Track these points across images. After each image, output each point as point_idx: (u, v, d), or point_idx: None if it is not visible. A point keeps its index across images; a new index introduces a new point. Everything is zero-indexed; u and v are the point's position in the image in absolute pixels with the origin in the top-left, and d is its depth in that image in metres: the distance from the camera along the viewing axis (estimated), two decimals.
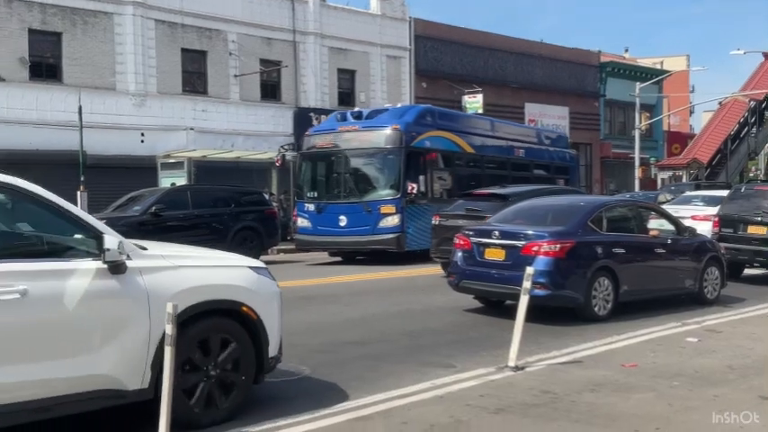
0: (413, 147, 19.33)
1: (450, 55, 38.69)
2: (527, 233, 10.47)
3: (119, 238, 5.32)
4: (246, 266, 6.34)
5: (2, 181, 5.18)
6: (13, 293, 4.83)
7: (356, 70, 35.16)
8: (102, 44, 27.05)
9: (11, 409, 4.79)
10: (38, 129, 24.81)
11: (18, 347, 4.75)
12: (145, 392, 5.42)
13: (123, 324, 5.33)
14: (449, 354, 8.40)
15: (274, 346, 6.28)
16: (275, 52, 32.20)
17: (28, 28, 25.50)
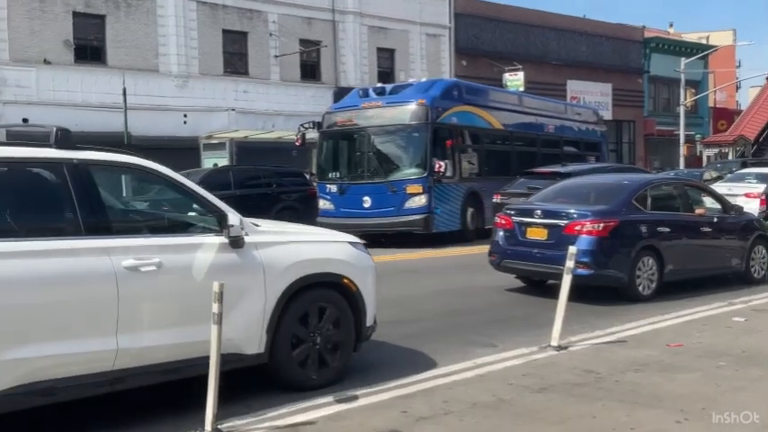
0: (440, 122, 18.24)
1: (490, 32, 38.38)
2: (570, 212, 10.36)
3: (239, 216, 5.81)
4: (346, 242, 6.79)
5: (135, 162, 5.65)
6: (150, 266, 5.28)
7: (395, 49, 35.07)
8: (144, 26, 27.34)
9: (148, 369, 5.22)
10: (83, 111, 25.20)
11: (155, 315, 5.09)
12: (262, 356, 5.94)
13: (242, 294, 5.77)
14: (490, 333, 8.38)
15: (370, 316, 6.70)
16: (315, 32, 32.23)
17: (72, 11, 25.90)
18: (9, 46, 24.86)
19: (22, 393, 4.75)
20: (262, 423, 5.38)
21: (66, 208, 5.17)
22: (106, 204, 5.49)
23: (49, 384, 4.86)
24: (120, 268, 5.15)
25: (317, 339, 6.25)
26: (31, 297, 4.80)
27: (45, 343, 4.84)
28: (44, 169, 5.28)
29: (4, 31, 24.75)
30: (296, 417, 5.49)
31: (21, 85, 24.90)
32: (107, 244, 5.18)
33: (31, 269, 4.81)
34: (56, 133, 5.25)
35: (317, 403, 5.80)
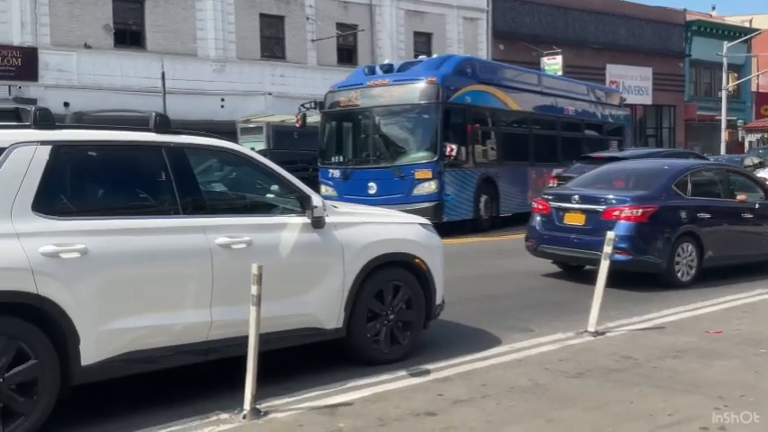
0: (452, 102, 16.84)
1: (528, 16, 38.04)
2: (608, 197, 10.28)
3: (321, 198, 6.14)
4: (417, 223, 7.07)
5: (225, 146, 5.97)
6: (241, 243, 5.58)
7: (432, 33, 34.92)
8: (183, 11, 27.54)
9: (238, 341, 5.37)
10: (122, 94, 25.50)
11: (244, 290, 5.13)
12: (340, 331, 6.25)
13: (323, 271, 6.11)
14: (526, 318, 8.38)
15: (439, 294, 6.95)
16: (351, 16, 32.20)
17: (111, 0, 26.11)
18: (50, 31, 25.20)
19: (126, 361, 5.11)
20: (300, 404, 5.44)
21: (165, 188, 5.51)
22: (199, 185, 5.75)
23: (149, 353, 5.22)
24: (215, 245, 5.48)
25: (390, 317, 6.53)
26: (134, 271, 5.14)
27: (146, 314, 5.18)
28: (145, 152, 5.56)
29: (45, 15, 25.09)
30: (333, 398, 5.56)
31: (62, 69, 25.26)
32: (202, 222, 5.50)
33: (135, 245, 5.15)
34: (155, 118, 5.55)
35: (355, 385, 5.86)
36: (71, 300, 4.80)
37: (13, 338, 4.62)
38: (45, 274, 4.70)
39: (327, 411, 5.29)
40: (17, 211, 4.75)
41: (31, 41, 24.83)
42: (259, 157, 6.17)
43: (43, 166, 4.91)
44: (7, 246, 4.63)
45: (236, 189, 6.53)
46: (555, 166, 20.22)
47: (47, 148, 4.97)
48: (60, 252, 4.80)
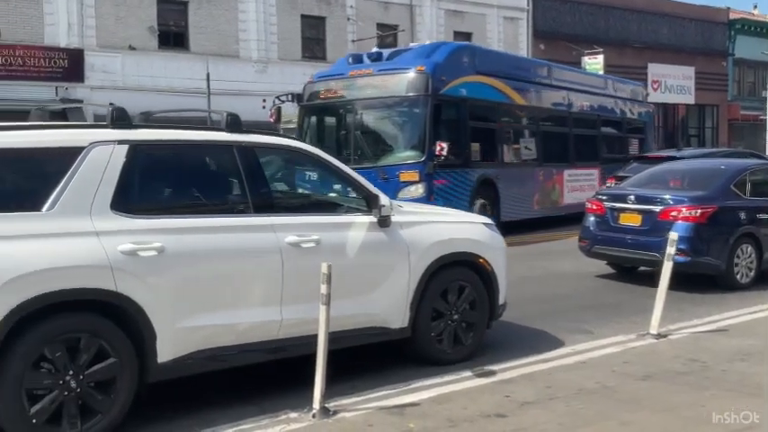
0: (443, 95, 14.84)
1: (569, 15, 37.75)
2: (665, 198, 10.15)
3: (388, 197, 6.12)
4: (481, 223, 7.07)
5: (294, 145, 6.06)
6: (310, 242, 5.62)
7: (472, 33, 34.79)
8: (226, 12, 27.76)
9: (307, 340, 5.39)
10: (166, 95, 25.76)
11: (313, 288, 5.14)
12: (405, 331, 6.25)
13: (389, 270, 6.11)
14: (585, 319, 8.31)
15: (502, 294, 6.94)
16: (392, 16, 32.23)
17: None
18: (96, 33, 25.54)
19: (199, 359, 5.16)
20: (367, 403, 5.46)
21: (237, 187, 5.57)
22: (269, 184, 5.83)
23: (221, 351, 5.26)
24: (284, 244, 5.51)
25: (454, 316, 6.51)
26: (207, 269, 5.20)
27: (219, 312, 5.21)
28: (218, 151, 5.65)
29: (91, 18, 25.44)
30: (401, 398, 5.56)
31: (107, 70, 25.59)
32: (273, 221, 5.55)
33: (209, 244, 5.20)
34: (226, 118, 5.58)
35: (420, 385, 5.87)
36: (148, 297, 4.86)
37: (94, 336, 4.70)
38: (124, 271, 4.77)
39: (396, 411, 5.30)
40: (96, 210, 4.82)
41: (77, 43, 25.19)
42: (327, 156, 6.18)
43: (120, 165, 4.98)
44: (88, 244, 4.71)
45: (304, 188, 6.56)
46: (567, 166, 19.23)
47: (124, 148, 5.04)
48: (138, 250, 4.86)
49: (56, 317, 4.61)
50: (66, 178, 4.78)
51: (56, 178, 4.76)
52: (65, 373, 4.61)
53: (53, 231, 4.64)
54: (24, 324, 4.48)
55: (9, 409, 4.45)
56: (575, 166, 19.35)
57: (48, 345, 4.56)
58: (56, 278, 4.58)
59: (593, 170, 20.17)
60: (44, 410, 4.55)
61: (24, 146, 4.82)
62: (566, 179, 19.05)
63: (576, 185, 19.34)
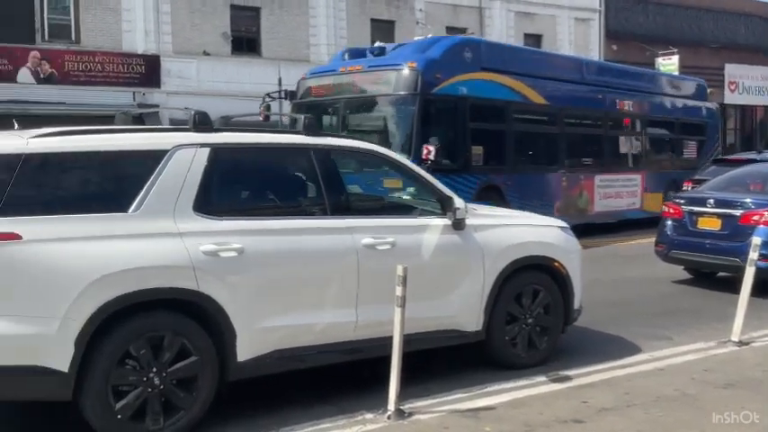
0: (436, 93, 13.57)
1: (642, 15, 37.01)
2: (746, 201, 9.86)
3: (462, 200, 6.09)
4: (556, 226, 6.96)
5: (370, 148, 6.10)
6: (385, 244, 5.65)
7: (543, 35, 34.42)
8: (296, 17, 28.07)
9: (382, 342, 5.36)
10: (239, 100, 26.17)
11: (389, 290, 5.15)
12: (479, 334, 6.23)
13: (464, 273, 6.09)
14: (662, 325, 8.12)
15: (578, 299, 6.84)
16: (461, 19, 32.10)
17: (230, 4, 26.90)
18: (172, 39, 26.13)
19: (277, 359, 5.23)
20: (442, 406, 5.45)
21: (315, 189, 5.64)
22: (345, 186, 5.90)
23: (298, 351, 5.34)
24: (360, 246, 5.56)
25: (528, 320, 6.46)
26: (285, 270, 5.28)
27: (296, 312, 5.29)
28: (295, 154, 5.74)
29: (167, 24, 26.04)
30: (475, 401, 5.54)
31: (182, 76, 26.14)
32: (349, 223, 5.60)
33: (287, 245, 5.28)
34: (303, 120, 5.69)
35: (495, 389, 5.83)
36: (229, 297, 4.95)
37: (176, 334, 4.82)
38: (205, 271, 4.87)
39: (471, 415, 5.28)
40: (179, 211, 4.93)
41: (154, 50, 25.80)
42: (402, 159, 6.23)
43: (202, 167, 5.08)
44: (171, 244, 4.82)
45: (380, 190, 6.58)
46: (598, 171, 17.46)
47: (206, 151, 5.15)
48: (219, 251, 4.96)
49: (140, 315, 4.74)
50: (150, 180, 4.90)
51: (141, 180, 4.89)
52: (149, 371, 4.73)
53: (138, 232, 4.77)
54: (111, 322, 4.61)
55: (96, 404, 4.60)
56: (609, 171, 17.69)
57: (133, 342, 4.69)
58: (141, 278, 4.71)
59: (635, 175, 18.50)
60: (129, 406, 4.68)
61: (111, 149, 4.97)
62: (597, 185, 17.32)
63: (610, 192, 17.70)
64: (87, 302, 4.52)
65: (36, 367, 4.44)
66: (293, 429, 5.05)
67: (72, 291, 4.49)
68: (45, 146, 4.78)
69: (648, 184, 18.67)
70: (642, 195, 18.53)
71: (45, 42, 24.30)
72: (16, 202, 4.51)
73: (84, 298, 4.51)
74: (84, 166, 4.88)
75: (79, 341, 4.50)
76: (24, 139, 4.78)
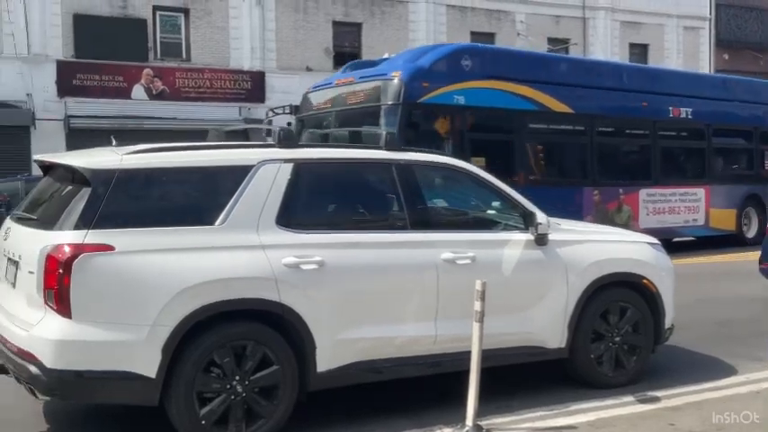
0: (425, 103, 12.89)
1: (755, 22, 35.65)
2: None
3: (545, 215, 6.01)
4: (645, 242, 6.80)
5: (451, 162, 6.12)
6: (465, 259, 5.61)
7: (649, 44, 33.58)
8: (397, 32, 28.38)
9: (461, 356, 5.30)
10: None
11: (468, 305, 5.14)
12: (562, 351, 6.10)
13: (546, 289, 5.98)
14: (760, 346, 7.75)
15: (669, 317, 6.60)
16: (563, 30, 31.71)
17: (332, 20, 27.46)
18: (277, 56, 26.87)
19: (356, 370, 5.30)
20: (522, 423, 5.39)
21: (395, 203, 5.69)
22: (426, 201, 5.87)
23: (377, 363, 5.38)
24: (440, 260, 5.54)
25: (615, 339, 6.29)
26: (365, 283, 5.33)
27: (376, 325, 5.35)
28: (376, 168, 5.80)
29: (272, 41, 26.79)
30: (557, 420, 5.45)
31: (286, 91, 26.71)
32: (429, 238, 5.61)
33: (367, 258, 5.35)
34: (385, 136, 5.79)
35: (578, 408, 5.71)
36: (309, 309, 5.06)
37: (259, 344, 4.95)
38: (287, 283, 4.99)
39: None
40: (263, 224, 5.08)
41: (259, 66, 26.58)
42: (484, 174, 6.18)
43: (286, 182, 5.22)
44: (254, 256, 4.97)
45: (460, 205, 6.56)
46: (644, 185, 16.19)
47: (289, 166, 5.28)
48: (300, 263, 5.07)
49: (225, 324, 4.89)
50: (236, 195, 5.06)
51: (227, 194, 5.06)
52: (232, 378, 4.87)
53: (224, 244, 4.94)
54: (197, 330, 4.78)
55: (181, 410, 4.77)
56: (658, 185, 16.30)
57: (217, 350, 4.84)
58: (225, 288, 4.86)
59: (697, 189, 16.96)
60: (212, 413, 4.83)
61: (199, 164, 5.17)
62: (643, 200, 16.06)
63: (661, 207, 16.36)
64: (175, 311, 4.70)
65: (126, 372, 4.63)
66: None
67: (160, 300, 4.67)
68: (137, 162, 5.02)
69: (716, 198, 17.18)
70: (707, 211, 16.99)
71: (157, 60, 25.43)
72: (110, 215, 4.74)
73: (172, 307, 4.69)
74: (173, 181, 5.10)
75: (166, 348, 4.68)
76: (119, 155, 5.03)
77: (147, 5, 25.05)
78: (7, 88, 23.14)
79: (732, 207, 17.38)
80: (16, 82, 23.31)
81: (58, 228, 4.74)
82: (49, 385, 4.65)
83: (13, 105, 23.21)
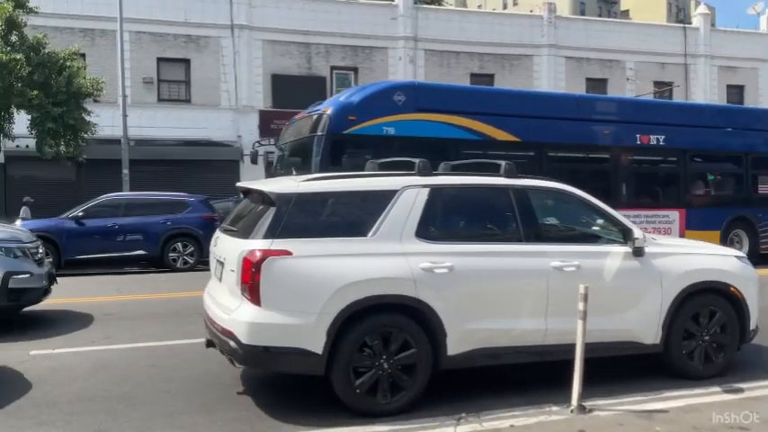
0: (350, 134, 11.66)
1: None
2: None
3: (641, 231, 5.83)
4: (732, 255, 6.45)
5: (559, 187, 5.98)
6: (571, 267, 5.53)
7: (744, 85, 31.25)
8: (523, 80, 27.91)
9: (567, 348, 5.16)
10: None
11: (574, 305, 5.08)
12: (657, 347, 5.88)
13: (642, 294, 5.78)
14: None
15: (753, 321, 6.26)
16: (668, 74, 30.11)
17: (470, 73, 27.40)
18: None
19: (479, 355, 5.29)
20: (620, 405, 5.17)
21: (511, 221, 5.67)
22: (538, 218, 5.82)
23: (495, 350, 5.36)
24: (549, 267, 5.48)
25: (704, 337, 6.01)
26: (486, 285, 5.33)
27: (495, 319, 5.33)
28: (496, 192, 5.77)
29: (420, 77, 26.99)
30: (651, 404, 5.20)
31: None
32: (540, 249, 5.56)
33: (488, 265, 5.35)
34: (504, 166, 5.77)
35: (670, 395, 5.43)
36: (440, 303, 5.10)
37: (401, 331, 5.04)
38: (423, 283, 5.06)
39: (645, 415, 4.96)
40: (405, 236, 5.18)
41: None
42: (587, 196, 6.01)
43: (423, 203, 5.31)
44: (398, 261, 5.08)
45: (567, 222, 6.41)
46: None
47: (426, 190, 5.38)
48: (434, 268, 5.13)
49: (374, 315, 5.01)
50: (384, 212, 5.20)
51: (377, 212, 5.20)
52: (380, 357, 4.98)
53: (374, 252, 5.08)
54: (353, 318, 4.93)
55: (341, 380, 4.94)
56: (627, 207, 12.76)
57: (369, 334, 4.97)
58: (375, 286, 5.00)
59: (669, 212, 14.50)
60: (365, 384, 4.96)
61: (356, 189, 5.39)
62: None
63: None
64: (336, 302, 4.87)
65: (300, 349, 4.85)
66: (490, 413, 5.04)
67: (325, 294, 4.86)
68: (310, 188, 5.28)
69: (694, 221, 14.51)
70: (682, 234, 14.13)
71: None
72: (289, 228, 4.99)
73: (335, 299, 4.87)
74: (336, 202, 5.31)
75: (330, 331, 4.85)
76: (297, 183, 5.31)
77: (326, 66, 26.02)
78: (223, 131, 24.72)
79: (714, 229, 14.68)
80: (229, 127, 24.86)
81: (251, 237, 5.03)
82: (244, 357, 4.94)
83: (227, 144, 24.74)
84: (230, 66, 24.75)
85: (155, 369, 6.34)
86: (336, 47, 26.07)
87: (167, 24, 24.17)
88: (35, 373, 6.13)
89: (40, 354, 6.92)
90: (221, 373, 5.99)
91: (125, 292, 11.40)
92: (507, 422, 4.85)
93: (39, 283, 8.23)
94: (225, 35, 24.83)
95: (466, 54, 27.40)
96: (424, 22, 27.09)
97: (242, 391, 5.68)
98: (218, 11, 24.66)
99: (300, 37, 25.51)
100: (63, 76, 17.18)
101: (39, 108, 16.79)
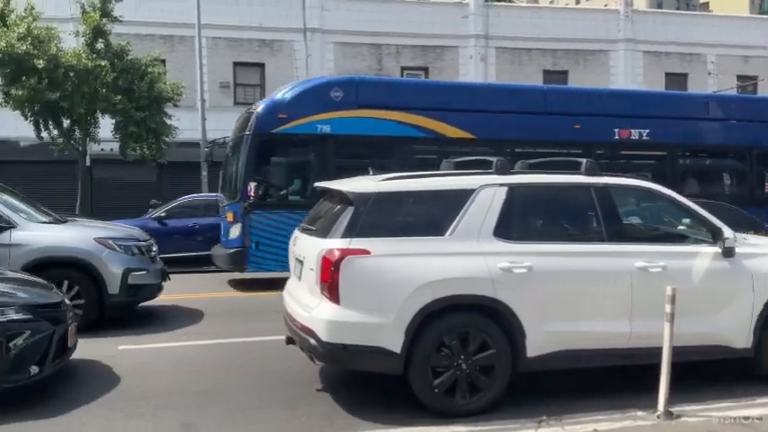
0: (279, 133, 11.09)
1: None
2: None
3: (732, 230, 5.62)
4: None
5: (643, 185, 5.84)
6: (657, 267, 5.33)
7: None
8: (599, 76, 27.14)
9: (652, 351, 5.01)
10: None
11: (660, 307, 4.91)
12: (748, 351, 5.60)
13: (732, 296, 5.54)
14: None
15: None
16: (752, 68, 28.70)
17: (543, 69, 26.89)
18: None
19: (559, 357, 5.17)
20: (710, 412, 4.97)
21: (593, 220, 5.54)
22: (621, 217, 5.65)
23: (578, 353, 5.21)
24: (634, 268, 5.29)
25: None
26: (567, 286, 5.19)
27: (577, 321, 5.19)
28: (577, 191, 5.63)
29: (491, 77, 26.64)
30: (743, 411, 4.96)
31: None
32: (623, 249, 5.37)
33: (569, 265, 5.21)
34: (586, 164, 5.63)
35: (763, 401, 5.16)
36: (519, 304, 5.01)
37: (479, 331, 4.99)
38: (501, 283, 4.98)
39: (735, 423, 4.73)
40: (483, 236, 5.12)
41: None
42: (674, 195, 5.77)
43: (501, 201, 5.23)
44: (476, 261, 5.02)
45: (652, 221, 6.19)
46: None
47: (504, 189, 5.29)
48: (513, 268, 5.04)
49: (452, 314, 4.97)
50: (462, 211, 5.15)
51: (455, 212, 5.15)
52: (458, 357, 4.94)
53: (452, 251, 5.04)
54: (431, 317, 4.90)
55: (420, 380, 4.92)
56: None
57: (446, 334, 4.94)
58: (453, 285, 4.96)
59: None
60: (443, 384, 4.93)
61: (433, 188, 5.35)
62: None
63: None
64: (415, 302, 4.85)
65: (378, 348, 4.86)
66: (572, 416, 4.92)
67: (404, 292, 4.85)
68: (388, 187, 5.29)
69: None
70: None
71: None
72: (368, 227, 5.01)
73: (413, 298, 4.85)
74: (414, 202, 5.29)
75: (408, 331, 4.84)
76: (375, 182, 5.33)
77: (397, 66, 26.05)
78: None
79: None
80: None
81: (330, 236, 5.08)
82: (323, 354, 5.00)
83: None
84: (303, 69, 25.11)
85: (236, 365, 6.51)
86: (407, 47, 26.08)
87: (242, 29, 24.76)
88: (123, 368, 6.38)
89: (128, 349, 7.21)
90: (301, 370, 6.08)
91: (205, 290, 11.75)
92: (590, 426, 4.72)
93: (154, 280, 8.58)
94: (298, 39, 25.24)
95: (538, 51, 26.91)
96: (495, 20, 26.77)
97: (321, 388, 5.75)
98: (292, 15, 25.08)
99: (371, 38, 25.65)
100: (145, 82, 17.84)
101: (122, 113, 17.49)
